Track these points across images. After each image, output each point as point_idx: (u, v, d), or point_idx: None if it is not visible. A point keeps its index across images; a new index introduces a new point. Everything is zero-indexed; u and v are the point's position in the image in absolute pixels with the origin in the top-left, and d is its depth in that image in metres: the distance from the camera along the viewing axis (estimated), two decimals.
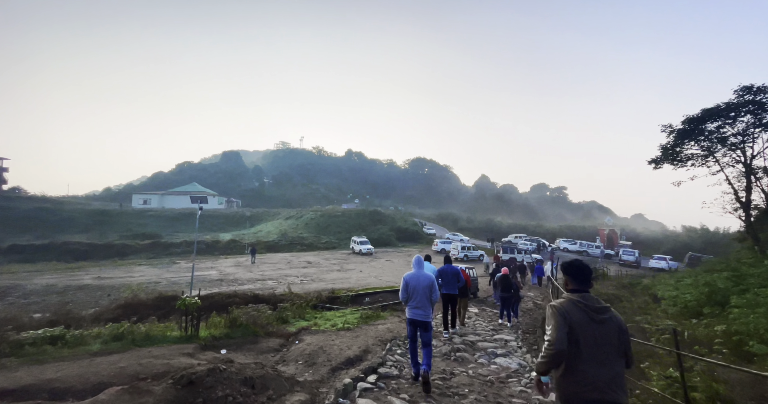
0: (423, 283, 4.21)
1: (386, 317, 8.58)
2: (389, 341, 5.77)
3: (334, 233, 44.27)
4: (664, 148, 13.17)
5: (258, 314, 6.93)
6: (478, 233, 55.56)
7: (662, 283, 14.53)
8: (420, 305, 4.18)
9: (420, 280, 4.23)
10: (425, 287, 4.19)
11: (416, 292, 4.20)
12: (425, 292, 4.18)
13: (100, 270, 22.41)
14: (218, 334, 5.07)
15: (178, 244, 35.14)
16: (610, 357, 1.89)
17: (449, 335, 6.53)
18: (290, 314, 8.87)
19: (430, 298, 4.19)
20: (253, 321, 5.66)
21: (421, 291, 4.18)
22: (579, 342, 1.89)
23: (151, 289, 16.78)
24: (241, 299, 10.45)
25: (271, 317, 7.28)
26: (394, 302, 10.72)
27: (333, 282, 18.77)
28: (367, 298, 11.23)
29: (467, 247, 30.83)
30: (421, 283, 4.21)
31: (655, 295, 10.56)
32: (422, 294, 4.17)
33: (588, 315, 1.94)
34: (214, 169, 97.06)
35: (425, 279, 4.23)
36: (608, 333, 1.92)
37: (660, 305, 8.85)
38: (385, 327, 7.23)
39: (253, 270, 22.90)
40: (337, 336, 5.90)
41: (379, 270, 23.39)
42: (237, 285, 17.96)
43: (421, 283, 4.21)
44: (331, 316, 8.86)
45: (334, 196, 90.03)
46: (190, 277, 20.65)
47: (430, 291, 4.20)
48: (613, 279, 18.34)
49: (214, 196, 68.30)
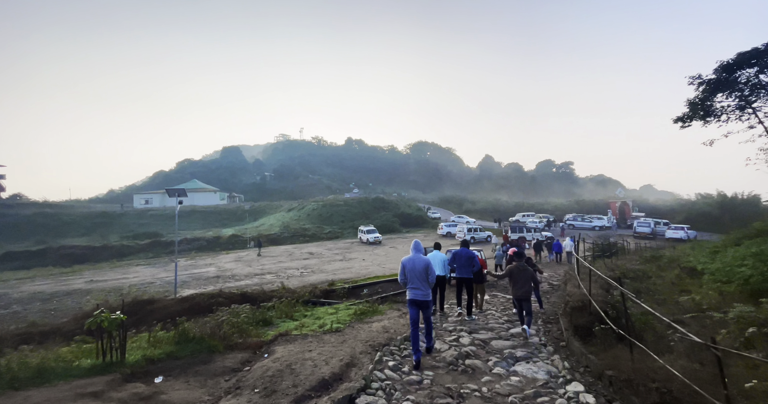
0: (419, 266, 4.43)
1: (384, 311, 7.49)
2: (382, 346, 4.67)
3: (337, 223, 43.39)
4: (692, 103, 11.56)
5: (230, 319, 5.88)
6: (484, 214, 54.29)
7: (690, 254, 13.26)
8: (418, 285, 4.42)
9: (416, 263, 4.46)
10: (421, 270, 4.41)
11: (413, 274, 4.44)
12: (421, 274, 4.40)
13: (94, 274, 21.78)
14: (159, 355, 4.01)
15: (179, 242, 34.57)
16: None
17: (460, 314, 6.54)
18: (276, 314, 7.85)
19: (426, 280, 4.42)
20: (211, 332, 4.60)
21: (417, 273, 4.41)
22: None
23: (143, 291, 16.05)
24: (226, 299, 9.46)
25: (247, 321, 6.22)
26: (394, 292, 9.66)
27: (334, 272, 17.87)
28: (366, 290, 10.18)
29: (474, 229, 29.68)
30: (417, 266, 4.43)
31: (691, 269, 9.33)
32: (419, 275, 4.40)
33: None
34: (215, 165, 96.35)
35: (420, 262, 4.45)
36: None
37: (700, 280, 7.63)
38: (380, 325, 6.14)
39: (252, 265, 22.11)
40: (319, 343, 4.82)
41: (383, 258, 22.42)
42: (234, 282, 17.16)
43: (417, 266, 4.43)
44: (323, 313, 7.80)
45: (336, 185, 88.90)
46: (187, 276, 19.98)
47: (426, 272, 4.42)
48: (633, 253, 17.10)
49: (215, 191, 67.64)
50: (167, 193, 11.09)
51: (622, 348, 3.54)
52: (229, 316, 6.29)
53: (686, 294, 6.90)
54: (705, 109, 11.27)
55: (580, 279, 5.58)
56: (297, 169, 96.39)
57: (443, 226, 33.78)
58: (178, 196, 10.95)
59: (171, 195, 10.94)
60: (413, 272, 4.41)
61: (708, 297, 5.51)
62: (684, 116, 11.97)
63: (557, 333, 5.57)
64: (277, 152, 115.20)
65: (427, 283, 4.42)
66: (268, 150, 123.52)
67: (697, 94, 11.36)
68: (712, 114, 11.26)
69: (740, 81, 10.18)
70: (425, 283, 4.40)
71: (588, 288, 4.50)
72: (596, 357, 3.59)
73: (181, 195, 10.99)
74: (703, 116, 11.48)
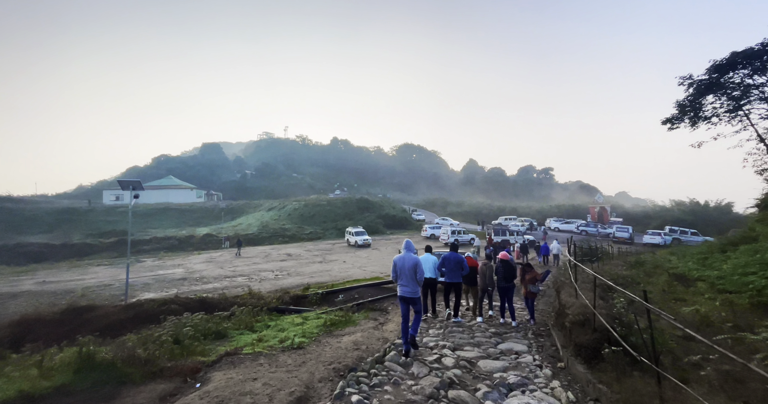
0: (408, 264, 4.67)
1: (358, 322, 6.64)
2: (348, 371, 3.83)
3: (319, 223, 42.19)
4: (681, 104, 11.33)
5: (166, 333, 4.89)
6: (467, 217, 54.33)
7: (672, 260, 13.05)
8: (407, 283, 4.66)
9: (406, 261, 4.69)
10: (410, 268, 4.65)
11: (403, 272, 4.68)
12: (410, 272, 4.64)
13: (48, 274, 19.89)
14: (44, 389, 3.01)
15: (147, 241, 32.53)
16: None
17: (449, 311, 6.51)
18: (233, 324, 6.85)
19: (414, 278, 4.64)
20: (128, 355, 3.62)
21: (407, 271, 4.65)
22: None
23: (97, 294, 14.56)
24: (180, 306, 8.34)
25: (191, 335, 5.25)
26: (371, 298, 8.81)
27: (311, 275, 16.85)
28: (341, 296, 9.29)
29: (457, 231, 29.23)
30: (406, 264, 4.67)
31: (679, 275, 8.94)
32: (408, 273, 4.64)
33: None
34: (194, 162, 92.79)
35: (410, 260, 4.69)
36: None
37: (696, 288, 7.18)
38: (351, 339, 5.30)
39: (224, 267, 20.76)
40: (271, 367, 3.93)
41: (365, 260, 21.54)
42: (201, 285, 15.89)
43: (407, 264, 4.67)
44: (289, 324, 6.87)
45: (320, 185, 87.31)
46: (151, 277, 18.49)
47: (415, 271, 4.65)
48: (617, 258, 16.96)
49: (192, 188, 64.93)
50: (119, 185, 9.87)
51: (643, 378, 2.87)
52: (175, 328, 5.29)
53: (682, 304, 6.40)
54: (694, 110, 11.07)
55: (578, 288, 4.92)
56: (280, 167, 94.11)
57: (427, 228, 33.23)
58: (133, 188, 9.76)
59: (124, 187, 9.73)
60: (403, 270, 4.67)
61: (715, 309, 4.97)
62: (672, 118, 11.77)
63: (551, 349, 4.89)
64: (259, 150, 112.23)
65: (416, 281, 4.66)
66: (250, 147, 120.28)
67: (686, 95, 11.16)
68: (702, 116, 11.07)
69: (733, 82, 9.97)
70: (414, 281, 4.64)
71: (593, 300, 3.84)
72: (609, 389, 2.90)
73: (136, 187, 9.79)
74: (692, 118, 11.28)
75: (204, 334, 6.11)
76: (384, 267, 18.22)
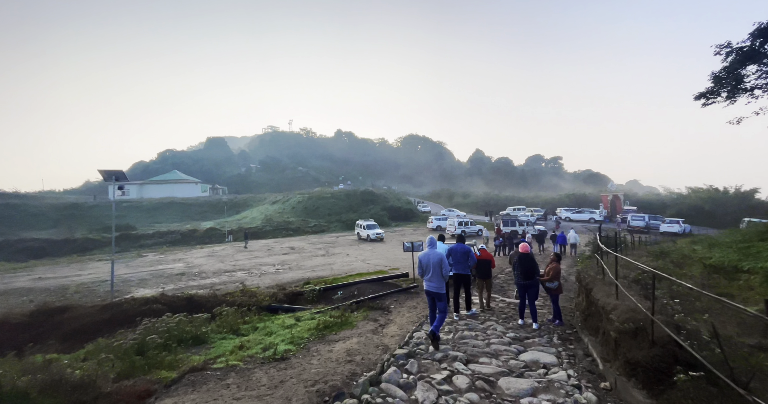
0: (434, 260, 4.81)
1: (355, 323, 5.84)
2: (334, 397, 3.01)
3: (323, 216, 41.58)
4: (718, 76, 10.11)
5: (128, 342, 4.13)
6: (474, 208, 53.24)
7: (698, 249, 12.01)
8: (433, 278, 4.81)
9: (431, 257, 4.85)
10: (436, 263, 4.79)
11: (429, 268, 4.83)
12: (436, 268, 4.78)
13: (46, 270, 19.56)
14: None
15: (150, 235, 32.28)
16: None
17: (459, 317, 6.21)
18: (217, 327, 6.11)
19: (440, 273, 4.78)
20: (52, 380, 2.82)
21: (432, 267, 4.80)
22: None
23: (90, 291, 14.09)
24: (164, 305, 7.62)
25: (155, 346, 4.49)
26: (372, 295, 8.00)
27: (313, 269, 16.18)
28: (340, 292, 8.50)
29: (465, 222, 28.29)
30: (432, 260, 4.82)
31: (717, 267, 7.95)
32: (434, 269, 4.79)
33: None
34: (199, 157, 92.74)
35: (435, 257, 4.83)
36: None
37: (748, 281, 6.23)
38: (345, 346, 4.49)
39: (225, 261, 20.21)
40: (240, 388, 3.15)
41: (369, 253, 20.79)
42: (199, 280, 15.32)
43: (432, 260, 4.82)
44: (278, 326, 6.10)
45: (325, 178, 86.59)
46: (149, 273, 18.01)
47: (440, 266, 4.79)
48: (638, 248, 15.93)
49: (196, 183, 64.74)
50: (102, 175, 9.14)
51: None
52: (146, 333, 4.55)
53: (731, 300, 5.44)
54: (734, 81, 9.86)
55: (620, 285, 4.02)
56: (284, 161, 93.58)
57: (433, 220, 32.33)
58: (116, 179, 9.02)
59: (107, 178, 9.00)
60: (429, 266, 4.79)
61: None
62: (707, 92, 10.56)
63: (586, 360, 4.01)
64: (264, 144, 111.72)
65: (441, 276, 4.76)
66: (255, 142, 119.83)
67: (724, 65, 9.92)
68: (742, 88, 9.87)
69: None
70: (439, 277, 4.75)
71: (651, 307, 2.93)
72: None
73: (119, 178, 9.05)
74: (730, 91, 10.08)
75: (180, 340, 5.36)
76: (389, 260, 17.45)
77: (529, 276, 5.44)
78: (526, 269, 5.45)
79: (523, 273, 5.48)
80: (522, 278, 5.49)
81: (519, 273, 5.52)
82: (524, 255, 5.55)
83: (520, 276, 5.52)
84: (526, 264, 5.47)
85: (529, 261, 5.48)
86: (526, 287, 5.50)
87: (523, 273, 5.48)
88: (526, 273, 5.45)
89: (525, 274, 5.45)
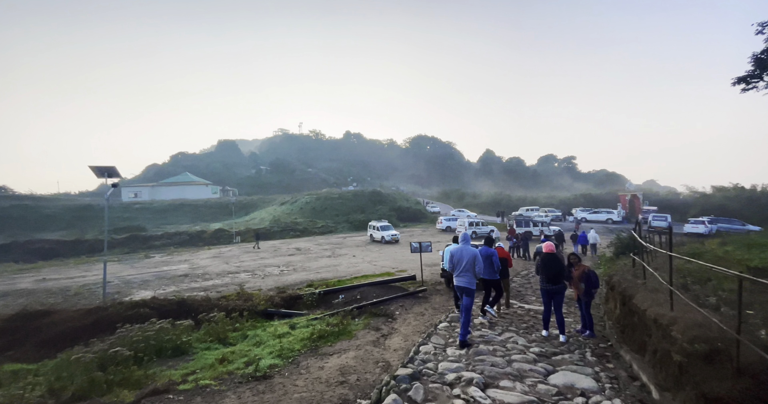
0: (466, 256, 4.77)
1: (354, 333, 5.17)
2: None
3: (331, 217, 41.15)
4: (759, 58, 9.12)
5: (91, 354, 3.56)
6: (485, 208, 52.11)
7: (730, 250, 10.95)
8: (463, 274, 4.76)
9: (464, 253, 4.80)
10: (469, 259, 4.73)
11: (460, 263, 4.79)
12: (469, 264, 4.72)
13: (52, 271, 19.52)
14: None
15: (159, 237, 32.31)
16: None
17: (486, 318, 5.86)
18: (203, 334, 5.54)
19: (473, 269, 4.73)
20: None
21: (465, 262, 4.75)
22: None
23: (91, 292, 13.80)
24: (153, 309, 7.11)
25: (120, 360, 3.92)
26: (377, 300, 7.32)
27: (317, 271, 15.61)
28: (341, 296, 7.86)
29: (475, 223, 27.36)
30: (464, 256, 4.78)
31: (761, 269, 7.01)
32: (466, 265, 4.73)
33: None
34: (210, 159, 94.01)
35: (468, 253, 4.79)
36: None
37: None
38: (339, 363, 3.83)
39: (229, 262, 19.84)
40: None
41: (376, 254, 20.14)
42: (201, 281, 14.92)
43: (465, 256, 4.78)
44: (269, 335, 5.49)
45: (333, 179, 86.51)
46: (153, 274, 17.73)
47: (473, 263, 4.73)
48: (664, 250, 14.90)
49: (207, 185, 65.28)
50: (93, 171, 8.73)
51: None
52: (120, 342, 3.99)
53: None
54: None
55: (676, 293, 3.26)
56: (294, 163, 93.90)
57: (442, 220, 31.49)
58: (109, 175, 8.59)
59: (99, 175, 8.58)
60: (461, 261, 4.75)
61: None
62: (747, 75, 9.57)
63: (632, 385, 3.25)
64: (274, 146, 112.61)
65: (473, 272, 4.70)
66: (265, 144, 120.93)
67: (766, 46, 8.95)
68: None
69: None
70: (471, 273, 4.70)
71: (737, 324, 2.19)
72: None
73: (112, 175, 8.63)
74: None
75: (159, 350, 4.78)
76: (396, 261, 16.76)
77: (555, 280, 4.68)
78: (553, 272, 4.70)
79: (548, 277, 4.73)
80: (547, 282, 4.74)
81: (544, 277, 4.77)
82: (550, 255, 4.80)
83: (544, 280, 4.77)
84: (553, 266, 4.71)
85: (555, 263, 4.73)
86: (551, 293, 4.74)
87: (548, 276, 4.73)
88: (552, 276, 4.70)
89: (551, 278, 4.70)
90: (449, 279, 8.93)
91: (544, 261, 4.80)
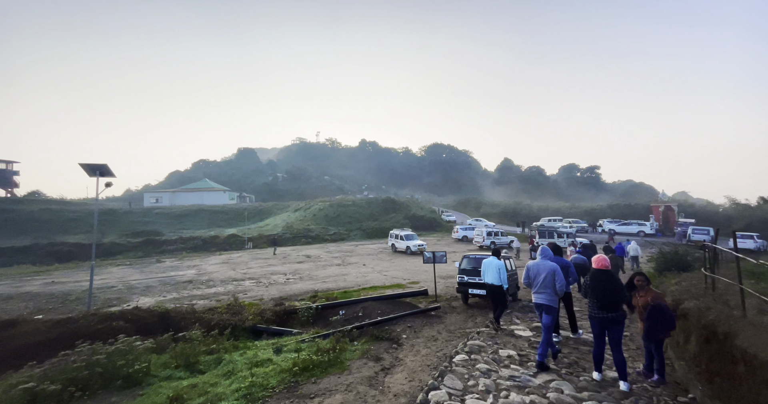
0: (543, 271, 4.53)
1: (348, 364, 4.13)
2: None
3: (344, 224, 40.46)
4: None
5: None
6: (503, 218, 50.14)
7: None
8: (542, 290, 4.51)
9: (541, 268, 4.58)
10: (548, 274, 4.48)
11: (537, 278, 4.55)
12: (548, 279, 4.47)
13: (64, 274, 19.46)
14: None
15: (173, 241, 32.42)
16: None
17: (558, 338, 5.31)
18: (168, 358, 4.63)
19: (553, 285, 4.44)
20: None
21: (542, 278, 4.51)
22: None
23: (94, 296, 13.36)
24: (129, 322, 6.33)
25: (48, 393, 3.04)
26: (381, 319, 6.25)
27: (324, 280, 14.68)
28: (341, 312, 6.84)
29: (494, 233, 25.83)
30: (541, 270, 4.55)
31: None
32: (545, 280, 4.48)
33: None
34: (229, 166, 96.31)
35: (545, 267, 4.55)
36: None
37: None
38: None
39: (237, 268, 19.23)
40: None
41: (387, 263, 19.05)
42: (204, 288, 14.25)
43: (542, 270, 4.54)
44: (245, 362, 4.52)
45: (348, 187, 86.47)
46: (158, 279, 17.29)
47: (553, 277, 4.46)
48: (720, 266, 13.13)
49: (225, 191, 66.30)
50: (84, 169, 8.21)
51: None
52: (56, 365, 3.14)
53: None
54: None
55: None
56: (310, 170, 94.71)
57: (459, 229, 30.08)
58: (100, 174, 8.04)
59: (91, 173, 8.04)
60: (538, 276, 4.54)
61: None
62: None
63: None
64: (291, 154, 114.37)
65: (554, 289, 4.44)
66: (283, 152, 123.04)
67: None
68: None
69: None
70: (551, 288, 4.45)
71: None
72: None
73: (104, 173, 8.07)
74: None
75: (109, 379, 3.89)
76: (408, 272, 15.62)
77: (612, 306, 3.50)
78: (607, 294, 3.52)
79: (601, 301, 3.55)
80: (599, 308, 3.56)
81: (595, 301, 3.60)
82: (602, 272, 3.63)
83: (596, 305, 3.60)
84: (607, 286, 3.53)
85: (611, 283, 3.55)
86: (605, 322, 3.56)
87: (601, 300, 3.55)
88: (606, 301, 3.52)
89: (605, 303, 3.52)
90: (466, 295, 7.79)
91: (594, 281, 3.63)
